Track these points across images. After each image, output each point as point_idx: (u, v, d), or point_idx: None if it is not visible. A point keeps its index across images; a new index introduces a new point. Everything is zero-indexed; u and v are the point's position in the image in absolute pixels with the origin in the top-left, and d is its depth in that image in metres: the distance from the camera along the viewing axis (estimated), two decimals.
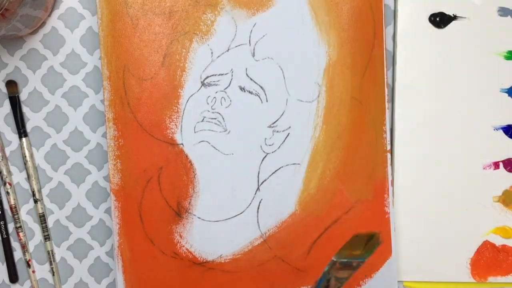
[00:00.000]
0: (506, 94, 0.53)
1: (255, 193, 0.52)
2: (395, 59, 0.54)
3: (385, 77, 0.52)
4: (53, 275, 0.55)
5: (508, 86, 0.53)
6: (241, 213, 0.52)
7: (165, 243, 0.52)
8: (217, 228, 0.52)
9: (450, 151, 0.54)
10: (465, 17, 0.53)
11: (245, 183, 0.52)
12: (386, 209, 0.53)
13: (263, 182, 0.52)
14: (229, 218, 0.52)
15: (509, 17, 0.53)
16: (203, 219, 0.52)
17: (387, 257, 0.53)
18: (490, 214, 0.54)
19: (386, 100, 0.52)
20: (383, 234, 0.53)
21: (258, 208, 0.52)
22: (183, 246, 0.52)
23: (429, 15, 0.53)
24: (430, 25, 0.53)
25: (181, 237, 0.52)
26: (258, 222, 0.53)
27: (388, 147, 0.53)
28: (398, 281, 0.55)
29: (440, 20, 0.53)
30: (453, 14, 0.53)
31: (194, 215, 0.52)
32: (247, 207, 0.52)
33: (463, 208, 0.54)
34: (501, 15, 0.53)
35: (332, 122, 0.52)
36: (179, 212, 0.52)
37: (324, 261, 0.53)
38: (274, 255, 0.53)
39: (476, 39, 0.53)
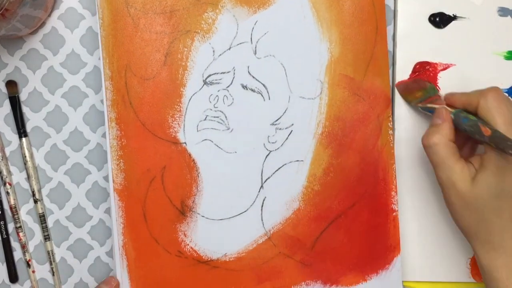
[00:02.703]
0: (506, 94, 0.53)
1: (259, 191, 0.52)
2: (395, 59, 0.54)
3: (390, 72, 0.52)
4: (53, 275, 0.55)
5: (508, 86, 0.54)
6: (245, 211, 0.52)
7: (169, 242, 0.52)
8: (221, 227, 0.52)
9: None
10: (465, 17, 0.53)
11: (248, 181, 0.52)
12: (393, 206, 0.53)
13: (266, 179, 0.52)
14: (233, 217, 0.52)
15: (509, 17, 0.53)
16: (207, 218, 0.52)
17: (395, 254, 0.53)
18: None
19: (391, 96, 0.52)
20: (391, 234, 0.53)
21: (262, 206, 0.52)
22: (188, 244, 0.52)
23: (429, 15, 0.53)
24: (430, 25, 0.53)
25: (185, 236, 0.52)
26: (262, 220, 0.52)
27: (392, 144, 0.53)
28: None
29: (440, 20, 0.53)
30: (453, 14, 0.53)
31: (198, 213, 0.52)
32: (251, 205, 0.52)
33: None
34: (501, 15, 0.53)
35: (335, 118, 0.52)
36: (183, 211, 0.52)
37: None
38: (278, 251, 0.53)
39: (476, 39, 0.53)
